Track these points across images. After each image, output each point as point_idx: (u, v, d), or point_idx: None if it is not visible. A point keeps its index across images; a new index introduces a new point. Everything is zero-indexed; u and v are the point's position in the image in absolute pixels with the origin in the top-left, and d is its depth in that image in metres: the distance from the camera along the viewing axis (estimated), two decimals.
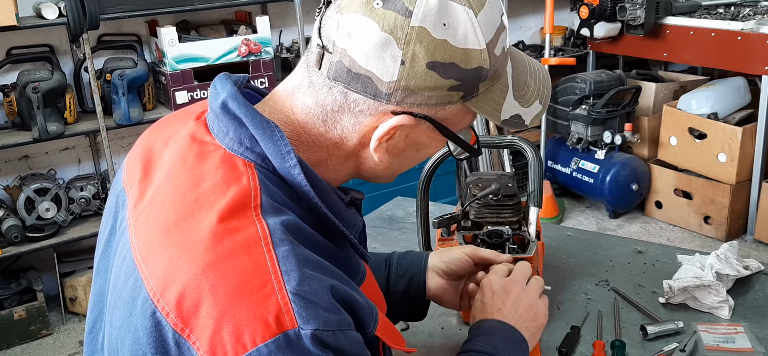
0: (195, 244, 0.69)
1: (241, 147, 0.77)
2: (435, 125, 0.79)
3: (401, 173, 0.89)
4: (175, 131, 0.85)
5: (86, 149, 3.47)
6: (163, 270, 0.70)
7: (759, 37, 3.35)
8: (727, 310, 1.31)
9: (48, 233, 3.11)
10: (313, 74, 0.79)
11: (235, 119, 0.78)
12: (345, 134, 0.80)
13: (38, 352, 3.07)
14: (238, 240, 0.69)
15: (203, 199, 0.73)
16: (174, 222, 0.72)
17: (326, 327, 0.67)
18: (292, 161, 0.76)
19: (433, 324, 1.36)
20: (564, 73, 4.10)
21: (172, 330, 0.67)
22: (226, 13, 3.62)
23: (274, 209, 0.73)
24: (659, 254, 1.57)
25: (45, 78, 2.94)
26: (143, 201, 0.79)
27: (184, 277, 0.68)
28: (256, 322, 0.64)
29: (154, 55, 3.41)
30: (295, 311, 0.65)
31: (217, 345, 0.65)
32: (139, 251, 0.74)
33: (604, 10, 3.86)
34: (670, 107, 3.83)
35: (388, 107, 0.77)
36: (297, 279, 0.67)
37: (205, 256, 0.68)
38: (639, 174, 3.88)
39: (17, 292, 3.16)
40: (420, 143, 0.83)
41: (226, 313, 0.65)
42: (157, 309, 0.68)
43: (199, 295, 0.66)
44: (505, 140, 1.45)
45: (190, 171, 0.77)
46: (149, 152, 0.85)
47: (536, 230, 1.33)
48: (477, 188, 1.38)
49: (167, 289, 0.68)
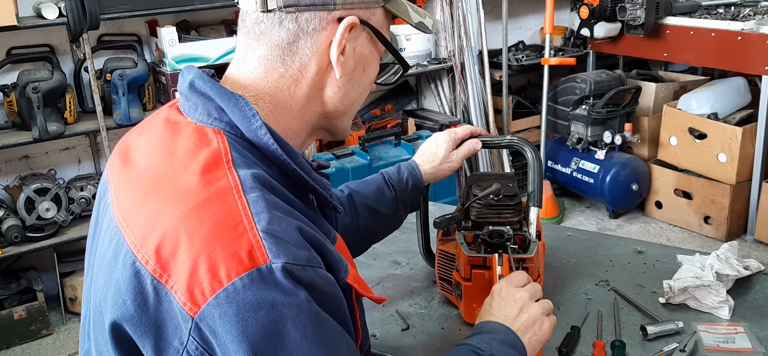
0: (172, 198, 0.75)
1: (209, 118, 0.84)
2: (373, 30, 0.90)
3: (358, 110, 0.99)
4: (150, 124, 0.91)
5: (86, 149, 3.47)
6: (142, 225, 0.75)
7: (759, 37, 3.35)
8: (727, 310, 1.31)
9: (48, 233, 3.11)
10: (259, 26, 0.87)
11: (202, 95, 0.85)
12: (303, 62, 0.88)
13: (38, 352, 3.07)
14: (212, 190, 0.74)
15: (177, 163, 0.79)
16: (151, 184, 0.79)
17: (296, 261, 0.71)
18: (257, 123, 0.82)
19: (433, 324, 1.36)
20: (564, 74, 4.11)
21: (150, 277, 0.72)
22: (226, 13, 3.62)
23: (245, 164, 0.79)
24: (659, 254, 1.57)
25: (45, 78, 2.94)
26: (123, 178, 0.86)
27: (162, 227, 0.73)
28: (230, 259, 0.69)
29: (154, 55, 3.41)
30: (266, 247, 0.70)
31: (195, 284, 0.69)
32: (120, 215, 0.80)
33: (604, 10, 3.86)
34: (670, 107, 3.83)
35: (335, 13, 0.86)
36: (267, 219, 0.72)
37: (181, 206, 0.73)
38: (639, 174, 3.88)
39: (17, 292, 3.16)
40: (365, 58, 0.92)
41: (202, 253, 0.69)
42: (137, 259, 0.73)
43: (176, 241, 0.71)
44: (504, 140, 1.45)
45: (165, 144, 0.83)
46: (126, 146, 0.92)
47: (537, 231, 1.33)
48: (478, 188, 1.38)
49: (146, 240, 0.73)
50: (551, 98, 4.04)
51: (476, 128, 1.47)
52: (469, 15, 3.96)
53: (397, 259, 1.63)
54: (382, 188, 1.35)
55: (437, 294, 1.45)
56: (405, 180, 1.37)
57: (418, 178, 1.39)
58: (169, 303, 0.70)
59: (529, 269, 1.22)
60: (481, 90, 4.12)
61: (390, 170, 1.39)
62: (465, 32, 3.98)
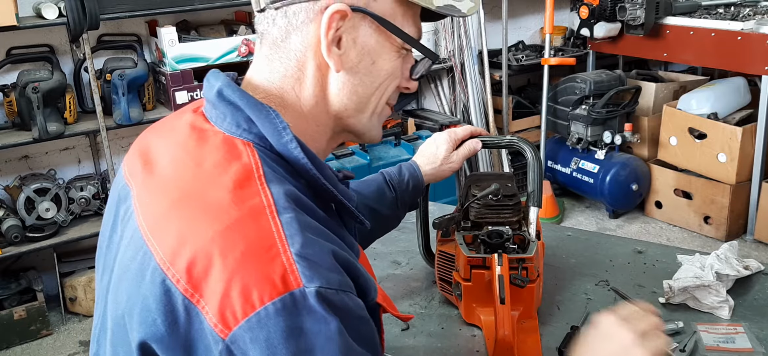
0: (203, 215, 0.72)
1: (238, 129, 0.81)
2: (375, 17, 0.83)
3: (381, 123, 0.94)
4: (171, 126, 0.89)
5: (86, 149, 3.47)
6: (172, 240, 0.72)
7: (759, 37, 3.35)
8: (727, 310, 1.31)
9: (48, 233, 3.11)
10: (259, 25, 0.86)
11: (231, 104, 0.82)
12: (299, 59, 0.84)
13: (38, 352, 3.07)
14: (244, 209, 0.72)
15: (206, 176, 0.77)
16: (179, 198, 0.76)
17: (330, 285, 0.69)
18: (288, 136, 0.80)
19: (433, 324, 1.36)
20: (564, 73, 4.11)
21: (181, 296, 0.69)
22: (226, 13, 3.62)
23: (277, 180, 0.76)
24: (659, 254, 1.57)
25: (45, 78, 2.94)
26: (147, 186, 0.82)
27: (193, 246, 0.70)
28: (263, 283, 0.67)
29: (154, 55, 3.41)
30: (299, 271, 0.68)
31: (227, 306, 0.67)
32: (146, 228, 0.77)
33: (604, 10, 3.86)
34: (670, 107, 3.83)
35: (321, 2, 0.81)
36: (300, 242, 0.70)
37: (214, 225, 0.71)
38: (639, 174, 3.88)
39: (17, 292, 3.16)
40: (371, 50, 0.85)
41: (235, 276, 0.67)
42: (167, 277, 0.70)
43: (208, 261, 0.69)
44: (504, 140, 1.45)
45: (191, 153, 0.80)
46: (146, 147, 0.89)
47: (536, 230, 1.33)
48: (477, 189, 1.38)
49: (177, 257, 0.71)
50: (551, 98, 4.04)
51: (476, 128, 1.47)
52: None
53: (397, 259, 1.63)
54: (382, 189, 1.35)
55: (437, 294, 1.45)
56: (406, 181, 1.37)
57: (419, 179, 1.38)
58: (199, 323, 0.68)
59: (528, 269, 1.23)
60: (481, 90, 4.12)
61: (391, 171, 1.39)
62: (465, 32, 3.98)
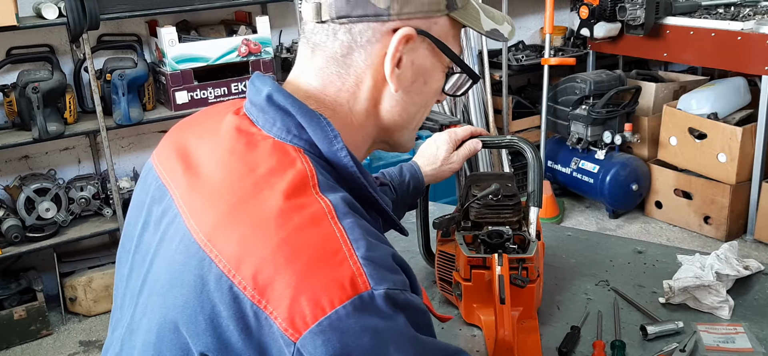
0: (265, 222, 0.73)
1: (289, 135, 0.82)
2: (433, 40, 0.86)
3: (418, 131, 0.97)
4: (210, 127, 0.89)
5: (86, 149, 3.47)
6: (235, 248, 0.72)
7: (759, 37, 3.35)
8: (727, 310, 1.31)
9: (48, 233, 3.11)
10: (315, 36, 0.86)
11: (281, 109, 0.83)
12: (358, 75, 0.86)
13: (38, 352, 3.07)
14: (305, 216, 0.73)
15: (263, 182, 0.77)
16: (237, 204, 0.76)
17: (396, 286, 0.71)
18: (339, 144, 0.81)
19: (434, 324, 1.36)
20: (564, 73, 4.11)
21: (250, 302, 0.70)
22: (226, 13, 3.63)
23: (330, 188, 0.78)
24: (659, 254, 1.57)
25: (45, 78, 2.94)
26: (195, 190, 0.82)
27: (258, 253, 0.71)
28: (332, 287, 0.68)
29: (154, 55, 3.41)
30: (367, 274, 0.69)
31: (296, 313, 0.68)
32: (202, 233, 0.76)
33: (604, 10, 3.86)
34: (670, 107, 3.83)
35: (390, 24, 0.83)
36: (365, 246, 0.72)
37: (278, 232, 0.71)
38: (639, 174, 3.88)
39: (17, 292, 3.16)
40: (425, 70, 0.88)
41: (303, 282, 0.68)
42: (234, 284, 0.71)
43: (274, 268, 0.70)
44: (505, 140, 1.45)
45: (242, 158, 0.81)
46: (184, 148, 0.89)
47: (536, 230, 1.33)
48: (477, 189, 1.38)
49: (242, 265, 0.71)
50: (551, 98, 4.04)
51: (476, 128, 1.46)
52: None
53: None
54: (384, 190, 1.35)
55: (437, 294, 1.45)
56: (407, 182, 1.37)
57: (420, 180, 1.38)
58: (269, 327, 0.69)
59: (529, 269, 1.23)
60: (481, 90, 4.12)
61: (391, 171, 1.39)
62: (465, 32, 3.98)
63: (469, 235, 1.32)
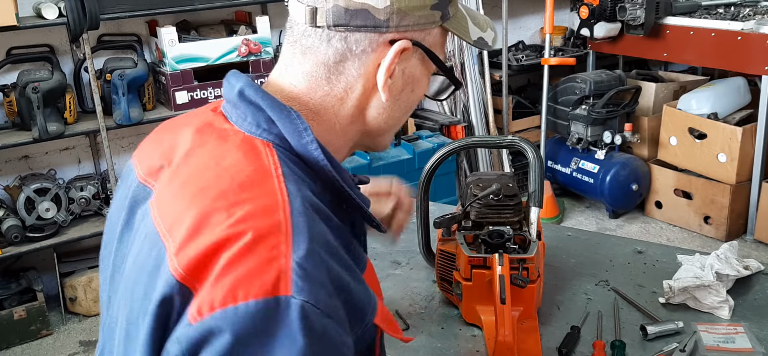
0: (216, 211, 0.72)
1: (259, 129, 0.82)
2: (426, 52, 0.86)
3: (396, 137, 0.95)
4: (189, 126, 0.89)
5: (86, 149, 3.47)
6: (182, 234, 0.72)
7: (759, 37, 3.35)
8: (727, 310, 1.31)
9: (48, 233, 3.11)
10: (306, 39, 0.84)
11: (252, 104, 0.83)
12: (349, 83, 0.85)
13: (38, 352, 3.07)
14: (258, 205, 0.72)
15: (224, 173, 0.77)
16: (195, 193, 0.76)
17: (317, 304, 0.67)
18: (309, 137, 0.80)
19: (433, 324, 1.36)
20: (564, 73, 4.11)
21: (178, 283, 0.69)
22: (226, 13, 3.63)
23: (295, 180, 0.77)
24: (659, 254, 1.57)
25: (45, 78, 2.94)
26: (168, 185, 0.82)
27: (204, 239, 0.70)
28: (252, 280, 0.66)
29: (154, 55, 3.41)
30: (292, 279, 0.67)
31: (215, 296, 0.66)
32: (163, 226, 0.77)
33: (604, 10, 3.86)
34: (670, 107, 3.83)
35: (387, 35, 0.82)
36: (304, 250, 0.69)
37: (227, 219, 0.71)
38: (639, 174, 3.88)
39: (17, 292, 3.16)
40: (414, 79, 0.88)
41: (231, 268, 0.67)
42: (174, 265, 0.70)
43: (213, 253, 0.69)
44: (505, 139, 1.45)
45: (211, 152, 0.81)
46: (166, 147, 0.89)
47: (537, 231, 1.33)
48: (478, 188, 1.38)
49: (184, 249, 0.71)
50: (551, 98, 4.04)
51: (413, 205, 1.33)
52: None
53: (397, 259, 1.63)
54: None
55: (437, 294, 1.45)
56: None
57: None
58: (185, 309, 0.69)
59: (529, 269, 1.23)
60: (481, 90, 4.12)
61: None
62: None
63: (469, 235, 1.32)
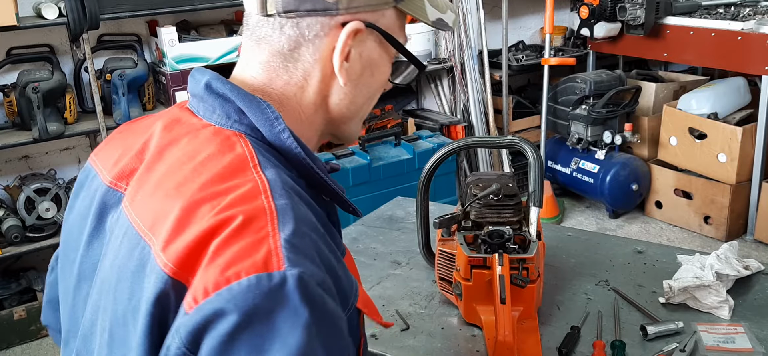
0: (198, 203, 0.72)
1: (229, 121, 0.81)
2: (381, 33, 0.85)
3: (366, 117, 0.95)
4: (156, 125, 0.87)
5: (86, 149, 3.47)
6: (167, 229, 0.72)
7: (759, 37, 3.35)
8: (727, 310, 1.31)
9: (48, 233, 3.10)
10: (259, 30, 0.84)
11: (220, 96, 0.82)
12: (307, 70, 0.85)
13: (38, 352, 3.07)
14: (239, 193, 0.72)
15: (201, 167, 0.76)
16: (174, 189, 0.76)
17: (312, 277, 0.68)
18: (281, 126, 0.80)
19: (433, 324, 1.36)
20: (564, 73, 4.11)
21: (170, 279, 0.69)
22: (226, 13, 3.62)
23: (272, 166, 0.77)
24: (659, 254, 1.57)
25: (45, 78, 2.94)
26: (141, 186, 0.81)
27: (189, 232, 0.70)
28: (243, 259, 0.67)
29: (154, 55, 3.41)
30: (284, 255, 0.67)
31: (207, 281, 0.66)
32: (142, 225, 0.76)
33: (604, 10, 3.86)
34: (670, 107, 3.83)
35: (338, 18, 0.82)
36: (291, 229, 0.70)
37: (209, 210, 0.71)
38: (639, 174, 3.88)
39: (17, 292, 3.16)
40: (372, 62, 0.87)
41: (219, 253, 0.68)
42: (163, 261, 0.70)
43: (201, 246, 0.69)
44: (505, 139, 1.45)
45: (184, 148, 0.80)
46: (135, 149, 0.87)
47: (537, 230, 1.33)
48: (477, 188, 1.38)
49: (171, 244, 0.70)
50: (551, 98, 4.04)
51: None
52: (469, 15, 3.96)
53: (397, 259, 1.63)
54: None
55: (437, 294, 1.45)
56: None
57: None
58: (180, 300, 0.68)
59: (529, 269, 1.23)
60: (481, 90, 4.12)
61: None
62: (465, 32, 3.98)
63: (469, 235, 1.32)
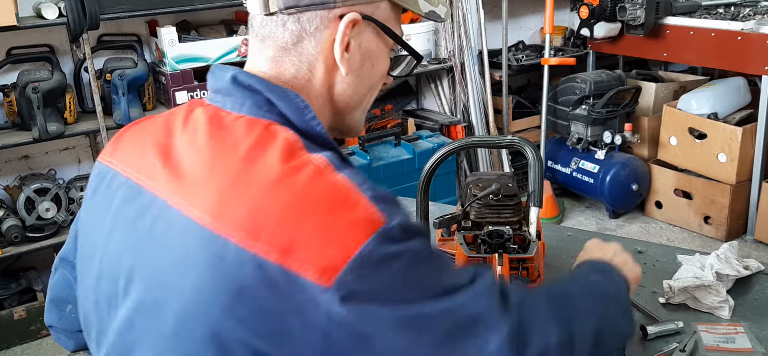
0: (270, 189, 0.75)
1: (260, 111, 0.84)
2: (378, 25, 0.90)
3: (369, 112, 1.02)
4: (175, 125, 0.88)
5: (86, 149, 3.47)
6: (246, 221, 0.74)
7: (759, 37, 3.35)
8: (727, 310, 1.31)
9: (48, 233, 3.10)
10: (263, 29, 0.89)
11: (247, 88, 0.86)
12: (311, 62, 0.89)
13: (38, 352, 3.07)
14: (307, 173, 0.76)
15: (251, 155, 0.79)
16: (231, 183, 0.77)
17: (406, 219, 0.76)
18: (310, 113, 0.85)
19: None
20: (564, 73, 4.11)
21: (275, 266, 0.71)
22: (226, 13, 3.63)
23: (315, 149, 0.81)
24: (659, 254, 1.57)
25: (45, 78, 2.94)
26: (183, 180, 0.82)
27: (272, 219, 0.73)
28: (353, 229, 0.72)
29: (154, 55, 3.41)
30: (380, 210, 0.75)
31: (324, 262, 0.71)
32: (207, 216, 0.76)
33: (604, 10, 3.86)
34: (670, 107, 3.83)
35: (336, 10, 0.87)
36: (371, 188, 0.77)
37: (286, 194, 0.75)
38: (639, 174, 3.88)
39: (17, 292, 3.16)
40: (371, 53, 0.92)
41: (324, 232, 0.72)
42: (256, 255, 0.72)
43: (293, 228, 0.72)
44: (505, 139, 1.45)
45: (223, 142, 0.82)
46: (156, 145, 0.87)
47: (537, 230, 1.33)
48: (477, 188, 1.38)
49: (260, 234, 0.73)
50: (551, 98, 4.04)
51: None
52: (469, 15, 3.96)
53: None
54: None
55: None
56: None
57: None
58: (299, 284, 0.71)
59: (529, 269, 1.23)
60: (481, 90, 4.12)
61: None
62: (465, 32, 3.98)
63: (469, 235, 1.32)
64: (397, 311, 0.72)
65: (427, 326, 0.73)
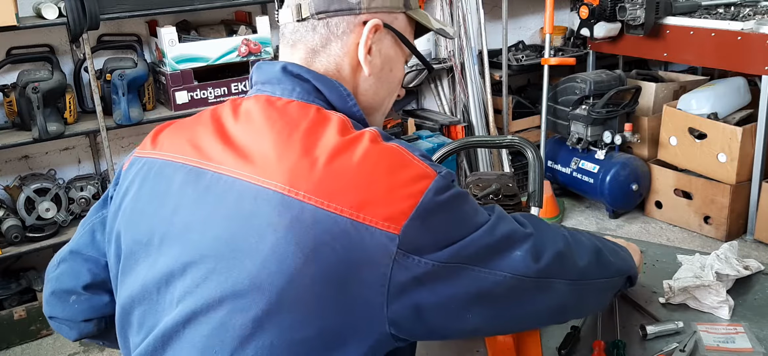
0: (337, 157, 0.85)
1: (310, 96, 0.96)
2: (396, 33, 1.02)
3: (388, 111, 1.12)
4: (222, 118, 0.96)
5: (86, 149, 3.47)
6: (319, 185, 0.83)
7: (759, 37, 3.35)
8: (727, 310, 1.31)
9: (48, 233, 3.10)
10: (295, 34, 1.00)
11: (296, 77, 0.97)
12: (338, 62, 1.00)
13: (38, 352, 3.07)
14: (364, 143, 0.87)
15: (313, 130, 0.89)
16: (301, 154, 0.86)
17: (446, 169, 0.89)
18: (352, 101, 0.98)
19: None
20: (564, 73, 4.11)
21: (349, 221, 0.81)
22: (226, 13, 3.63)
23: (361, 128, 0.92)
24: (659, 254, 1.57)
25: (45, 78, 2.94)
26: (249, 157, 0.89)
27: (342, 182, 0.83)
28: (413, 182, 0.85)
29: (154, 55, 3.41)
30: (430, 165, 0.88)
31: (393, 211, 0.82)
32: (282, 183, 0.85)
33: (604, 10, 3.85)
34: (670, 107, 3.83)
35: (361, 17, 0.99)
36: (416, 149, 0.90)
37: (351, 159, 0.85)
38: (639, 174, 3.87)
39: (17, 292, 3.16)
40: (390, 59, 1.04)
41: (389, 188, 0.84)
42: (332, 212, 0.82)
43: (363, 187, 0.83)
44: (505, 139, 1.45)
45: (283, 120, 0.91)
46: (216, 132, 0.94)
47: None
48: (477, 188, 1.38)
49: (335, 194, 0.83)
50: (551, 98, 4.04)
51: None
52: (469, 15, 3.96)
53: None
54: None
55: None
56: None
57: None
58: (370, 233, 0.81)
59: None
60: (481, 90, 4.12)
61: None
62: (465, 32, 3.98)
63: None
64: (452, 248, 0.85)
65: (475, 254, 0.86)
